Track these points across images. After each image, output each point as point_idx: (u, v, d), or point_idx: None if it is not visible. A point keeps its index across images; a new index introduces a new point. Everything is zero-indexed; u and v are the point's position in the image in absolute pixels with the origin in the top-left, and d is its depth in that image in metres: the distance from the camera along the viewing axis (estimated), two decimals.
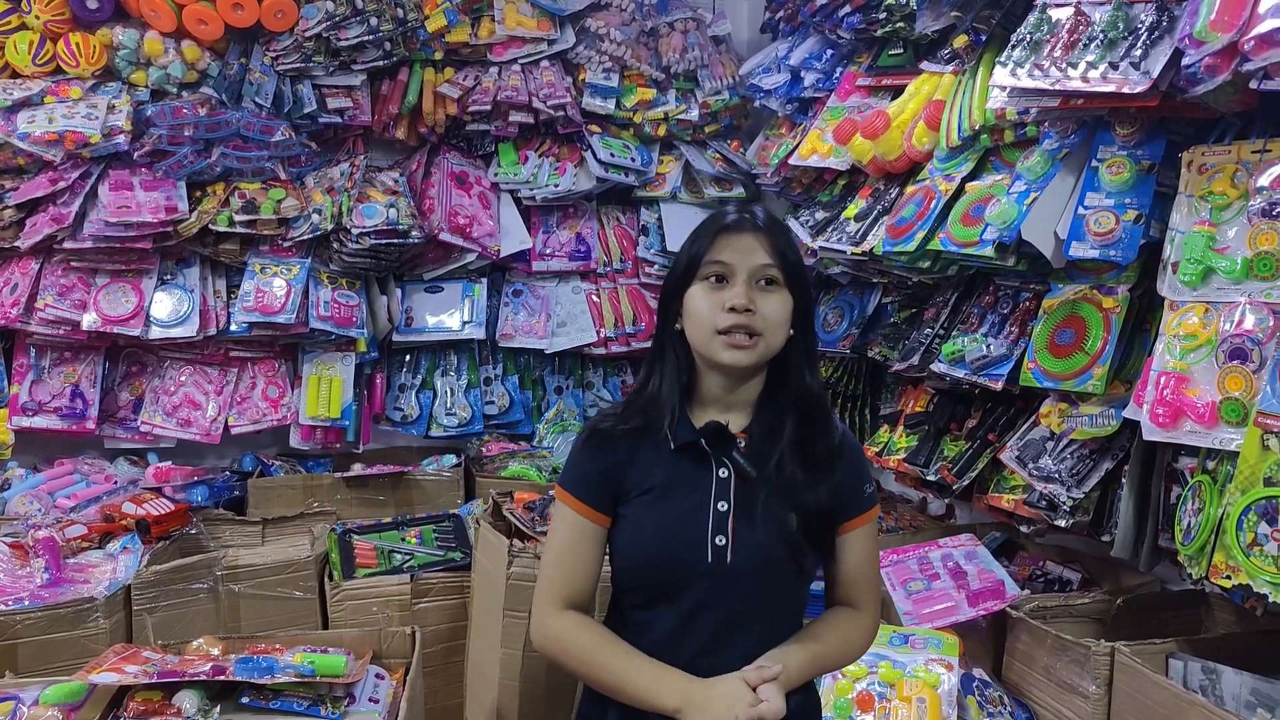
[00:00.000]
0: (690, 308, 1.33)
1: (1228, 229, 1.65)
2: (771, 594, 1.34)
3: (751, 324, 1.28)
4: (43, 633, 1.99)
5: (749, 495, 1.31)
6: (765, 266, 1.31)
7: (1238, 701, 1.58)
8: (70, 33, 2.75)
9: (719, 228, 1.33)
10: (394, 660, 1.92)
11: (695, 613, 1.31)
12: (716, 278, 1.31)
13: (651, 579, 1.33)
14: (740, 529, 1.30)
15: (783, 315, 1.31)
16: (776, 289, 1.31)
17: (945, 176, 2.33)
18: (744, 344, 1.29)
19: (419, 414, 3.19)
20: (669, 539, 1.31)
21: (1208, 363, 1.62)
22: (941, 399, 2.45)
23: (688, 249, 1.35)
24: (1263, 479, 1.47)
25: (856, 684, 1.74)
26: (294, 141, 2.93)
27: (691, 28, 3.48)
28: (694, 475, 1.33)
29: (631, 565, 1.35)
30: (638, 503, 1.34)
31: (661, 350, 1.39)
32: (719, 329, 1.29)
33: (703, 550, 1.29)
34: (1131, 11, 1.77)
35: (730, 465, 1.32)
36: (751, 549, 1.30)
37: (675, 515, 1.31)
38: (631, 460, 1.34)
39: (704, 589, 1.30)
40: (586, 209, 3.44)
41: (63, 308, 2.72)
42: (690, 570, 1.29)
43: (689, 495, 1.32)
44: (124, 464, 2.89)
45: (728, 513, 1.31)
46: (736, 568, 1.29)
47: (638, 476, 1.34)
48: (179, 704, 1.57)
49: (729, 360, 1.29)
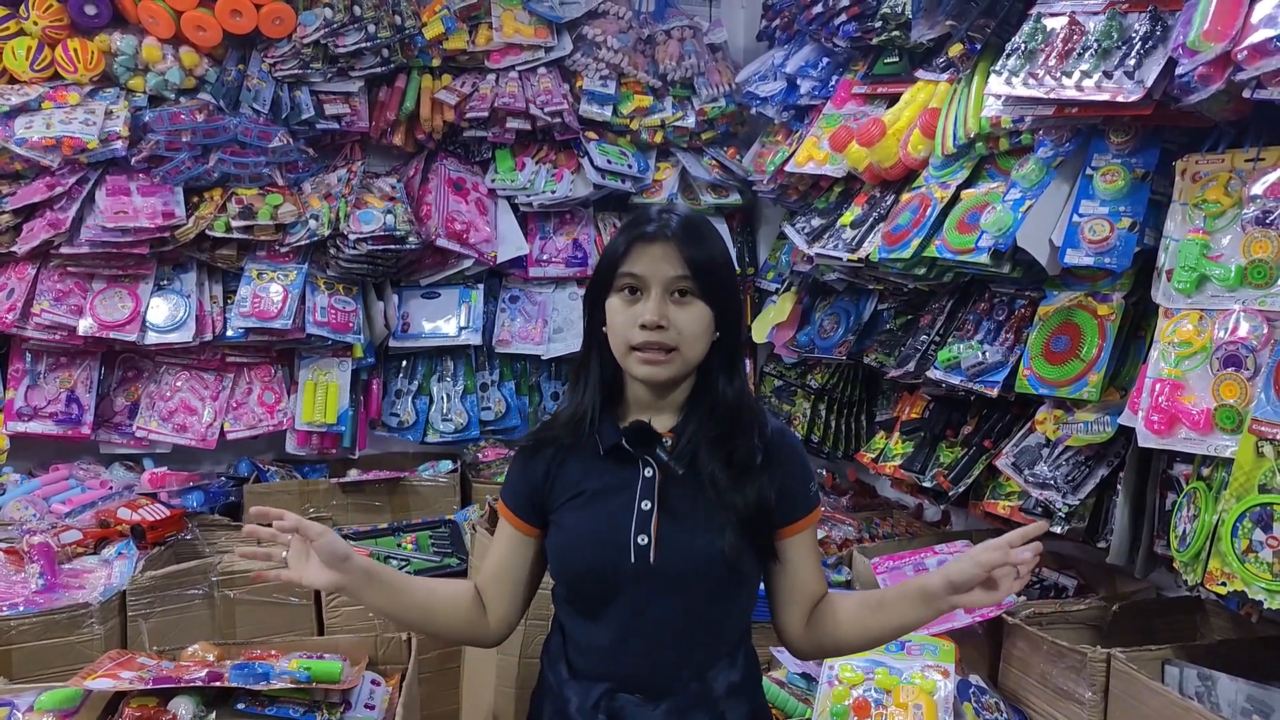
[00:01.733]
0: (609, 319, 1.30)
1: (1222, 237, 1.65)
2: (705, 597, 1.30)
3: (664, 340, 1.25)
4: (37, 639, 1.99)
5: (677, 496, 1.29)
6: (678, 279, 1.26)
7: (1233, 708, 1.58)
8: (68, 39, 2.75)
9: (634, 236, 1.29)
10: (390, 666, 1.92)
11: (629, 618, 1.29)
12: (630, 290, 1.28)
13: (582, 583, 1.33)
14: (666, 529, 1.27)
15: (699, 327, 1.27)
16: (691, 300, 1.27)
17: (941, 184, 2.34)
18: (659, 360, 1.26)
19: (415, 420, 3.19)
20: (594, 540, 1.30)
21: (1202, 370, 1.63)
22: (937, 405, 2.45)
23: (606, 256, 1.31)
24: (1257, 486, 1.48)
25: (853, 690, 1.74)
26: (291, 148, 2.94)
27: (688, 35, 3.50)
28: (621, 477, 1.31)
29: (564, 570, 1.35)
30: (567, 508, 1.34)
31: (588, 355, 1.37)
32: (632, 345, 1.26)
33: (626, 551, 1.27)
34: (1125, 21, 1.79)
35: (655, 465, 1.30)
36: (677, 548, 1.27)
37: (602, 517, 1.31)
38: (560, 469, 1.35)
39: (633, 592, 1.28)
40: (583, 215, 3.44)
41: (59, 313, 2.72)
42: (616, 571, 1.28)
43: (615, 497, 1.31)
44: (119, 469, 2.88)
45: (650, 511, 1.28)
46: (661, 568, 1.26)
47: (567, 483, 1.34)
48: (174, 710, 1.57)
49: (644, 375, 1.28)
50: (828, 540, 2.55)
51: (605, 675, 1.30)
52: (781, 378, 3.32)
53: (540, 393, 3.42)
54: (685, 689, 1.29)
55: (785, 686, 1.93)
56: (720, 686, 1.31)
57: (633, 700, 1.28)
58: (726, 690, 1.32)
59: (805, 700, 1.87)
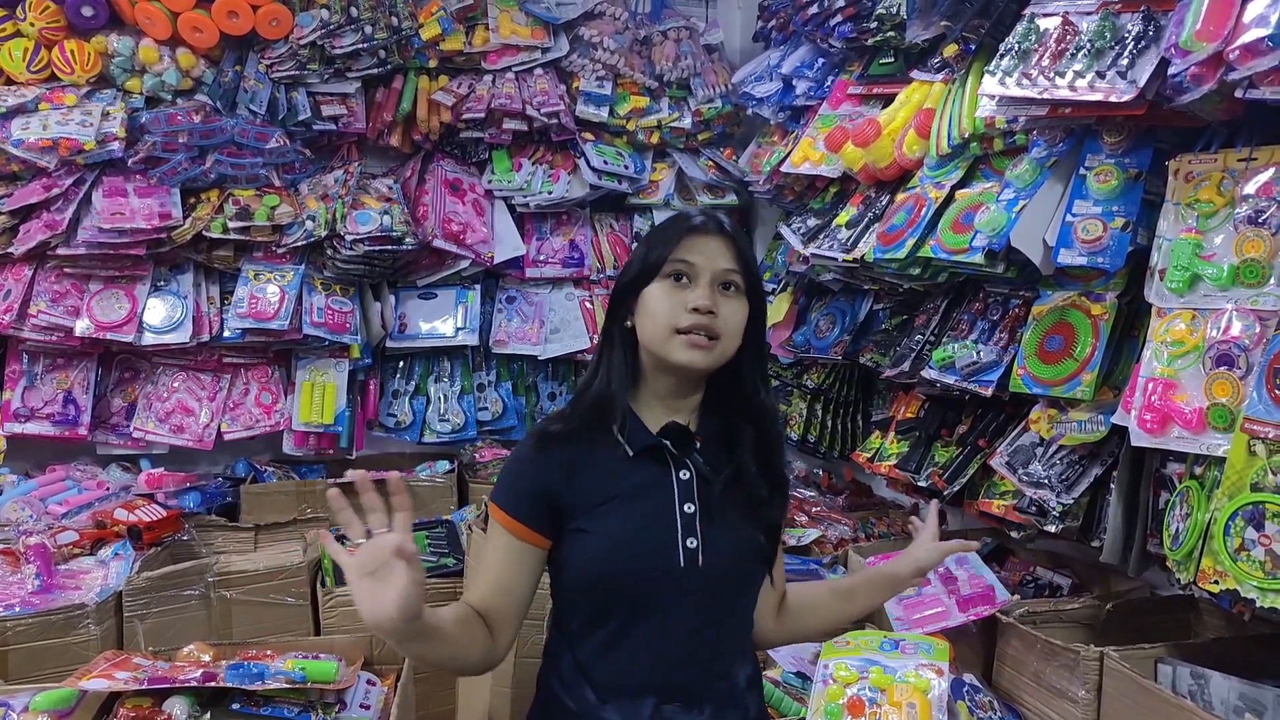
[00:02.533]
0: (648, 305, 1.28)
1: (1214, 236, 1.66)
2: (739, 599, 1.32)
3: (713, 326, 1.25)
4: (34, 639, 1.99)
5: (712, 497, 1.29)
6: (729, 271, 1.29)
7: (1226, 706, 1.58)
8: (65, 40, 2.76)
9: (686, 228, 1.30)
10: (386, 666, 1.92)
11: (668, 625, 1.25)
12: (678, 276, 1.28)
13: (618, 592, 1.25)
14: (708, 531, 1.27)
15: (740, 321, 1.30)
16: (737, 295, 1.30)
17: (935, 184, 2.35)
18: (703, 344, 1.25)
19: (412, 420, 3.20)
20: (636, 546, 1.24)
21: (1195, 369, 1.63)
22: (932, 405, 2.46)
23: (648, 247, 1.31)
24: (1249, 484, 1.48)
25: (847, 689, 1.73)
26: (288, 149, 2.94)
27: (684, 36, 3.50)
28: (655, 479, 1.28)
29: (594, 580, 1.25)
30: (599, 512, 1.25)
31: (610, 349, 1.34)
32: (679, 328, 1.25)
33: (674, 554, 1.24)
34: (1119, 21, 1.79)
35: (691, 467, 1.29)
36: (722, 551, 1.27)
37: (640, 521, 1.25)
38: (584, 469, 1.27)
39: (676, 597, 1.25)
40: (580, 216, 3.45)
41: (56, 314, 2.72)
42: (662, 576, 1.24)
43: (649, 499, 1.26)
44: (116, 470, 2.88)
45: (694, 515, 1.27)
46: (709, 570, 1.25)
47: (594, 485, 1.26)
48: (169, 710, 1.57)
49: (686, 360, 1.25)
50: (824, 540, 2.56)
51: (646, 689, 1.25)
52: (778, 378, 3.32)
53: (537, 393, 3.42)
54: (718, 689, 1.30)
55: (780, 685, 1.93)
56: (742, 680, 1.33)
57: (675, 708, 1.25)
58: (747, 683, 1.34)
59: (800, 699, 1.87)
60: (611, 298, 1.36)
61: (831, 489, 3.13)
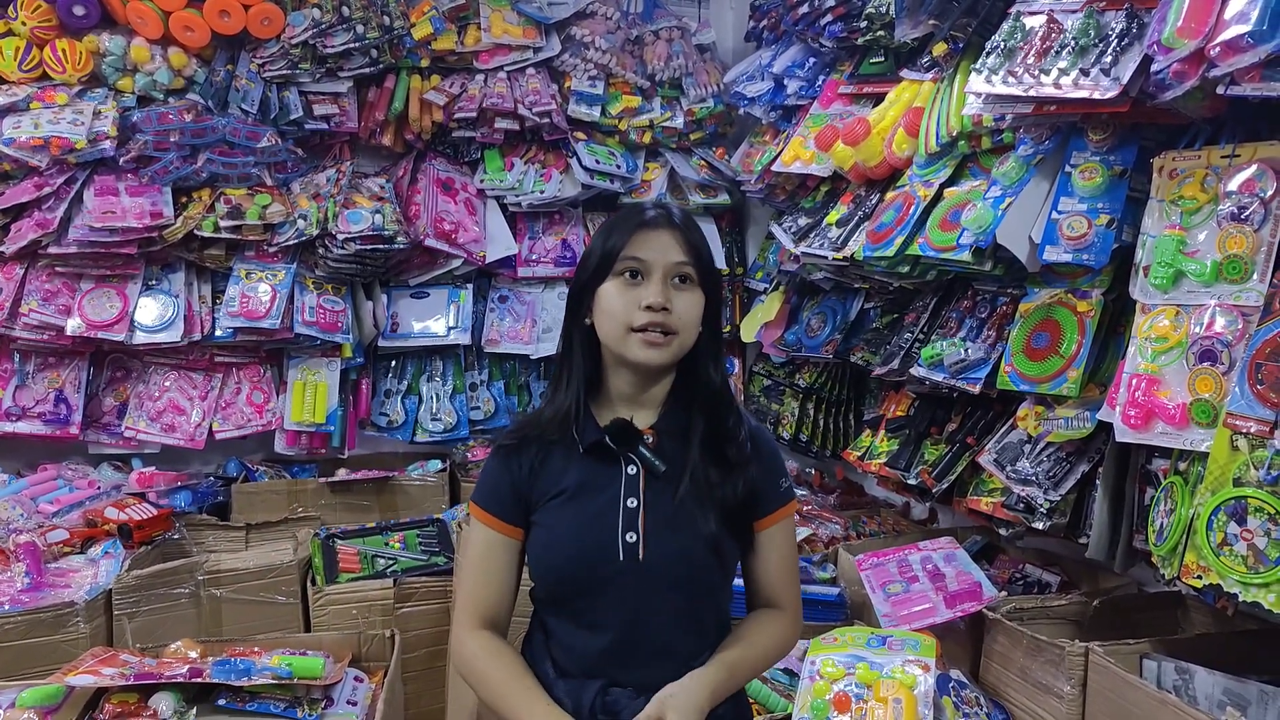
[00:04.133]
0: (603, 304, 1.30)
1: (1198, 233, 1.66)
2: (691, 594, 1.32)
3: (667, 322, 1.27)
4: (22, 637, 2.00)
5: (661, 493, 1.30)
6: (681, 264, 1.29)
7: (1210, 701, 1.59)
8: (57, 39, 2.76)
9: (637, 223, 1.31)
10: (374, 663, 1.92)
11: (616, 615, 1.29)
12: (631, 273, 1.29)
13: (568, 583, 1.31)
14: (653, 526, 1.28)
15: (696, 314, 1.31)
16: (691, 287, 1.31)
17: (924, 182, 2.35)
18: (658, 342, 1.27)
19: (404, 419, 3.20)
20: (580, 539, 1.29)
21: (1178, 365, 1.63)
22: (922, 403, 2.46)
23: (602, 244, 1.32)
24: (1232, 479, 1.49)
25: (834, 685, 1.74)
26: (280, 148, 2.94)
27: (676, 36, 3.51)
28: (604, 475, 1.31)
29: (547, 571, 1.32)
30: (550, 507, 1.32)
31: (569, 348, 1.37)
32: (634, 326, 1.27)
33: (614, 549, 1.27)
34: (1103, 19, 1.79)
35: (638, 462, 1.31)
36: (666, 546, 1.28)
37: (586, 515, 1.30)
38: (542, 467, 1.33)
39: (619, 591, 1.28)
40: (572, 215, 3.45)
41: (47, 313, 2.72)
42: (604, 570, 1.28)
43: (599, 495, 1.30)
44: (108, 469, 2.88)
45: (637, 509, 1.29)
46: (650, 565, 1.27)
47: (549, 482, 1.33)
48: (155, 706, 1.58)
49: (643, 358, 1.28)
50: (814, 538, 2.56)
51: (596, 672, 1.30)
52: (770, 377, 3.33)
53: (529, 392, 3.42)
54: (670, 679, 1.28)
55: (767, 681, 1.93)
56: None
57: (626, 694, 1.28)
58: None
59: (787, 695, 1.88)
60: (569, 297, 1.38)
61: (823, 488, 3.14)
